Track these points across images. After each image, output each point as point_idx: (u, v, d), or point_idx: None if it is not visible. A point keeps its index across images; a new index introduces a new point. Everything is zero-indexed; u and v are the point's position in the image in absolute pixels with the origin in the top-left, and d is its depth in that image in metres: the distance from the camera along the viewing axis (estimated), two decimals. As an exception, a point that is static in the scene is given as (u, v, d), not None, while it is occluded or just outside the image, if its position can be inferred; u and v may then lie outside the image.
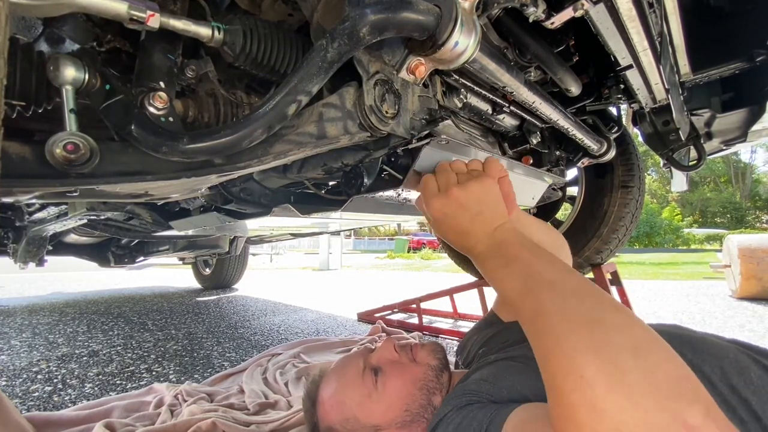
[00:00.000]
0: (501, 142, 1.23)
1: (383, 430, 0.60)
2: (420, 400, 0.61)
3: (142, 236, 2.16)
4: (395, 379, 0.63)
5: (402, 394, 0.61)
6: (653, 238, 23.52)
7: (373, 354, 0.69)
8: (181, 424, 1.01)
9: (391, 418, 0.60)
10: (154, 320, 2.63)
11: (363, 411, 0.61)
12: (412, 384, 0.63)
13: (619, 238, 1.70)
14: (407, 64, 0.62)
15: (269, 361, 1.59)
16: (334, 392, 0.65)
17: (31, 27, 0.65)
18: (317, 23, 0.66)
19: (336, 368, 0.70)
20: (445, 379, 0.67)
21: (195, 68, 0.67)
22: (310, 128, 0.64)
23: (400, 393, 0.62)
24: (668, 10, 0.88)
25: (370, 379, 0.63)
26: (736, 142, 1.56)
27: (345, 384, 0.65)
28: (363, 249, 26.21)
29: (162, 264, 7.35)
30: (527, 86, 0.85)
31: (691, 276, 5.86)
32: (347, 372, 0.66)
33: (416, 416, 0.60)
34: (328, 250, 9.22)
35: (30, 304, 3.32)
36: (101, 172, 0.55)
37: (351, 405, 0.62)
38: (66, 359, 1.74)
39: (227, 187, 1.09)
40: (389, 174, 0.90)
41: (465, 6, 0.54)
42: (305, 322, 2.59)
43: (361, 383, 0.64)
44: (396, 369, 0.65)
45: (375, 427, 0.60)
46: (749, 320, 2.61)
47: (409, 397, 0.61)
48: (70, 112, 0.49)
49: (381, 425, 0.60)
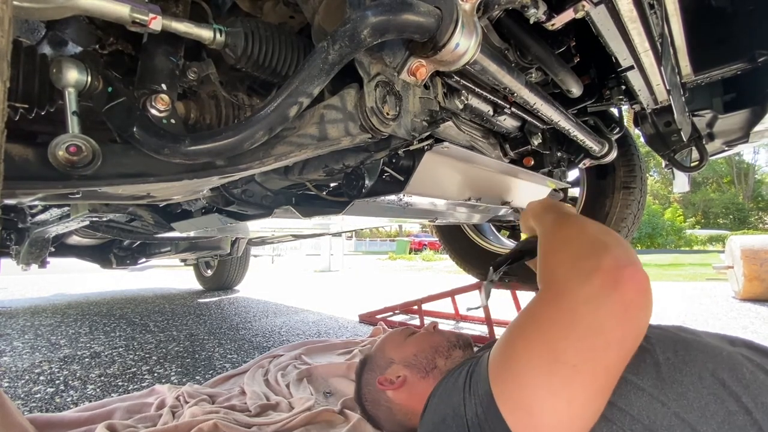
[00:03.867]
0: (502, 144, 1.23)
1: (395, 363, 0.84)
2: (427, 355, 0.82)
3: (143, 238, 2.17)
4: (419, 338, 0.89)
5: (417, 347, 0.85)
6: (655, 239, 23.45)
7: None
8: (183, 425, 1.01)
9: (402, 357, 0.84)
10: (156, 322, 2.63)
11: (391, 348, 0.88)
12: (428, 344, 0.85)
13: (620, 239, 1.69)
14: (408, 66, 0.62)
15: (271, 363, 1.59)
16: (384, 337, 0.96)
17: (35, 30, 0.66)
18: (318, 25, 0.67)
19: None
20: (457, 354, 0.84)
21: (197, 70, 0.67)
22: (311, 130, 0.64)
23: (416, 346, 0.86)
24: (669, 11, 0.87)
25: (405, 335, 0.92)
26: (738, 142, 1.56)
27: (391, 335, 0.95)
28: (364, 250, 26.21)
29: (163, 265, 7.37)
30: (528, 87, 0.85)
31: (694, 277, 5.84)
32: (396, 331, 0.96)
33: (419, 365, 0.81)
34: (329, 251, 9.22)
35: (32, 306, 3.33)
36: (103, 173, 0.55)
37: (386, 344, 0.91)
38: (68, 361, 1.74)
39: (229, 188, 1.09)
40: (390, 175, 0.90)
41: (466, 8, 0.54)
42: (307, 323, 2.59)
43: (399, 336, 0.92)
44: (422, 334, 0.91)
45: (391, 359, 0.85)
46: (752, 321, 2.60)
47: (420, 350, 0.84)
48: (72, 115, 0.50)
49: (394, 359, 0.85)
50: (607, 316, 0.46)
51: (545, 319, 0.50)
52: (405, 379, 0.80)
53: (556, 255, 0.58)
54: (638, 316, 0.47)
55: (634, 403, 0.48)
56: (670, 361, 0.52)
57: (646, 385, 0.49)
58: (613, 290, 0.47)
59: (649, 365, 0.52)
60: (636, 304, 0.47)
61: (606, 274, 0.48)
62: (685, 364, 0.51)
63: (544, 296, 0.53)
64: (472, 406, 0.52)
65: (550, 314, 0.50)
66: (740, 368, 0.49)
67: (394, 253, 18.33)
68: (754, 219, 33.73)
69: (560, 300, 0.50)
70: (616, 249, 0.51)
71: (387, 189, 0.91)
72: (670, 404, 0.47)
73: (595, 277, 0.48)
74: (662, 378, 0.50)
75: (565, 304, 0.49)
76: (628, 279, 0.47)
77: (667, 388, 0.48)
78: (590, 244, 0.55)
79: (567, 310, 0.48)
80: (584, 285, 0.48)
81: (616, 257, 0.50)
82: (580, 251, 0.55)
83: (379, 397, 0.82)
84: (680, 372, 0.50)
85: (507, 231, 2.30)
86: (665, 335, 0.57)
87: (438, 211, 1.26)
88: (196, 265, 4.42)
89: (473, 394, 0.53)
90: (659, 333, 0.58)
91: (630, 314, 0.46)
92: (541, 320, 0.51)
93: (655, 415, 0.46)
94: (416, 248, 21.53)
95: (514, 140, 1.22)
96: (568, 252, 0.57)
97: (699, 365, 0.51)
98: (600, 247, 0.53)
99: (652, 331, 0.60)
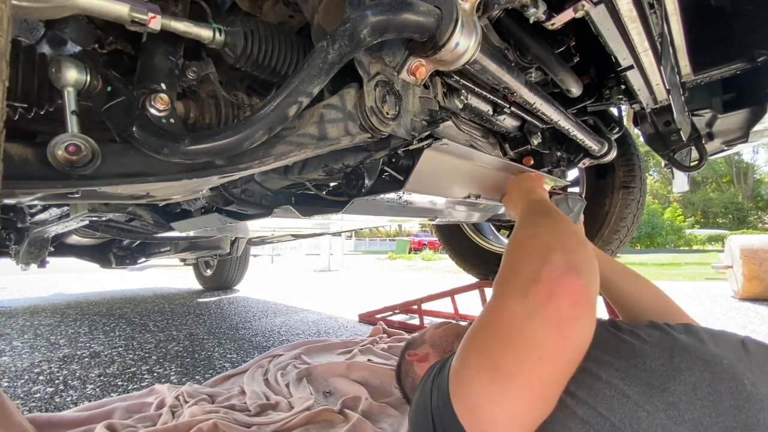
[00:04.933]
0: (502, 143, 1.23)
1: (426, 342, 0.97)
2: (450, 339, 0.94)
3: (143, 237, 2.16)
4: (451, 326, 1.01)
5: (445, 333, 0.98)
6: (655, 238, 23.46)
7: None
8: (183, 425, 1.01)
9: (431, 339, 0.97)
10: (156, 321, 2.63)
11: (429, 332, 1.02)
12: (453, 331, 0.97)
13: (620, 239, 1.70)
14: (408, 66, 0.62)
15: (270, 362, 1.59)
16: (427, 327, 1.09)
17: (34, 29, 0.66)
18: (318, 25, 0.67)
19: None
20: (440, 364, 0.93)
21: (196, 70, 0.67)
22: (311, 129, 0.64)
23: (445, 332, 0.98)
24: (669, 11, 0.87)
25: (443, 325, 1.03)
26: (737, 142, 1.56)
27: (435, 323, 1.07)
28: (364, 250, 26.20)
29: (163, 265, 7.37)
30: (528, 87, 0.85)
31: (693, 277, 5.85)
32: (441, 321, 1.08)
33: (441, 346, 0.93)
34: (329, 251, 9.22)
35: (32, 306, 3.33)
36: (103, 173, 0.55)
37: (429, 328, 1.04)
38: (67, 360, 1.74)
39: (228, 188, 1.09)
40: (390, 175, 0.90)
41: (465, 7, 0.54)
42: (306, 323, 2.59)
43: (440, 324, 1.04)
44: (455, 324, 1.03)
45: (424, 340, 0.99)
46: (752, 321, 2.60)
47: (446, 335, 0.96)
48: (71, 114, 0.50)
49: (426, 340, 0.98)
50: (540, 330, 0.47)
51: (489, 328, 0.53)
52: (427, 356, 0.92)
53: (508, 259, 0.60)
54: (574, 328, 0.47)
55: (617, 410, 0.47)
56: (664, 368, 0.50)
57: (632, 392, 0.48)
58: (547, 304, 0.47)
59: (640, 371, 0.50)
60: (571, 316, 0.47)
61: (540, 287, 0.49)
62: (679, 373, 0.49)
63: (492, 303, 0.56)
64: (435, 398, 0.57)
65: (494, 324, 0.52)
66: (741, 379, 0.47)
67: (394, 252, 18.33)
68: (753, 218, 33.74)
69: (501, 311, 0.52)
70: (557, 255, 0.52)
71: (387, 188, 0.91)
72: (657, 414, 0.45)
73: (531, 289, 0.49)
74: (652, 385, 0.48)
75: (503, 315, 0.51)
76: (562, 290, 0.48)
77: (656, 397, 0.47)
78: (536, 249, 0.56)
79: (505, 322, 0.50)
80: (520, 299, 0.50)
81: (554, 266, 0.50)
82: (525, 257, 0.57)
83: (408, 369, 0.97)
84: (673, 381, 0.48)
85: (507, 231, 2.30)
86: (664, 339, 0.56)
87: (437, 210, 1.26)
88: (195, 264, 4.41)
89: (437, 388, 0.58)
90: (659, 336, 0.57)
91: (563, 328, 0.47)
92: (487, 328, 0.53)
93: (639, 424, 0.45)
94: (416, 248, 21.52)
95: (514, 140, 1.22)
96: (516, 257, 0.59)
97: (696, 375, 0.48)
98: (543, 253, 0.54)
99: (651, 332, 0.59)
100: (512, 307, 0.50)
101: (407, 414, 1.06)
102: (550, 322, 0.47)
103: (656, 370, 0.50)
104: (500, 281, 0.57)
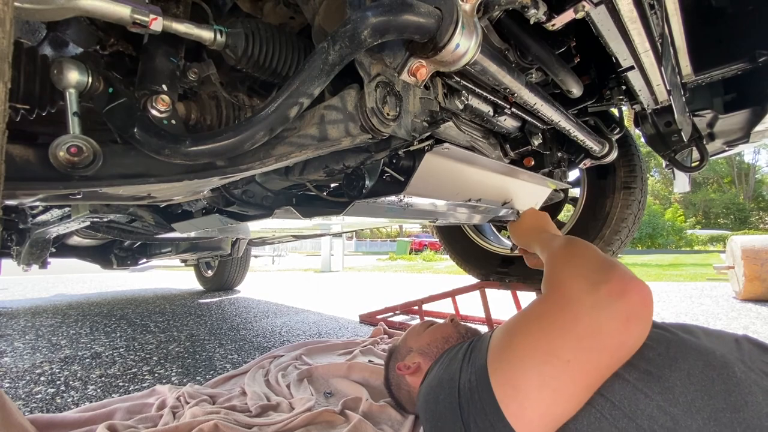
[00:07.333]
0: (502, 144, 1.23)
1: (413, 351, 0.94)
2: (439, 345, 0.91)
3: (144, 238, 2.17)
4: (434, 329, 0.98)
5: (431, 337, 0.94)
6: (656, 239, 23.41)
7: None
8: (184, 426, 1.01)
9: (418, 346, 0.94)
10: (157, 322, 2.63)
11: (411, 338, 0.99)
12: (440, 335, 0.94)
13: (621, 240, 1.69)
14: (408, 66, 0.62)
15: (271, 363, 1.59)
16: (408, 329, 1.06)
17: (36, 31, 0.66)
18: (319, 26, 0.67)
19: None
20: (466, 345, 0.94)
21: (197, 71, 0.67)
22: (311, 130, 0.64)
23: (431, 336, 0.95)
24: (669, 11, 0.87)
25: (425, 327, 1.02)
26: (738, 143, 1.56)
27: (413, 327, 1.06)
28: (365, 250, 26.20)
29: (164, 266, 7.38)
30: (528, 88, 0.85)
31: (695, 277, 5.83)
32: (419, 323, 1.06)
33: (431, 353, 0.90)
34: (329, 251, 9.22)
35: (33, 306, 3.34)
36: (104, 174, 0.55)
37: (408, 335, 1.02)
38: (69, 361, 1.74)
39: (229, 189, 1.09)
40: (391, 176, 0.90)
41: (466, 8, 0.54)
42: (307, 323, 2.59)
43: (420, 327, 1.03)
44: (438, 325, 1.00)
45: (410, 348, 0.96)
46: (753, 322, 2.59)
47: (433, 340, 0.93)
48: (73, 115, 0.50)
49: (412, 348, 0.95)
50: (608, 320, 0.49)
51: (548, 316, 0.54)
52: (419, 366, 0.89)
53: (566, 265, 0.63)
54: (638, 327, 0.51)
55: (617, 392, 0.50)
56: (661, 357, 0.54)
57: (631, 378, 0.51)
58: (619, 298, 0.50)
59: (639, 360, 0.53)
60: (638, 316, 0.50)
61: (613, 285, 0.52)
62: (675, 362, 0.53)
63: (550, 297, 0.57)
64: (467, 375, 0.58)
65: (554, 312, 0.54)
66: (731, 367, 0.50)
67: (395, 253, 18.31)
68: (754, 219, 33.68)
69: (566, 302, 0.54)
70: (622, 268, 0.57)
71: (387, 190, 0.91)
72: (654, 396, 0.48)
73: (603, 286, 0.52)
74: (650, 372, 0.52)
75: (569, 306, 0.53)
76: (634, 290, 0.51)
77: (653, 382, 0.50)
78: (600, 261, 0.60)
79: (570, 311, 0.52)
80: (591, 293, 0.52)
81: (623, 273, 0.55)
82: (590, 265, 0.59)
83: (400, 382, 0.95)
84: (669, 368, 0.52)
85: (507, 231, 2.29)
86: (662, 335, 0.58)
87: (438, 212, 1.26)
88: (196, 265, 4.42)
89: (471, 365, 0.59)
90: (657, 332, 0.59)
91: (630, 324, 0.50)
92: (544, 316, 0.55)
93: (636, 404, 0.48)
94: (417, 248, 21.51)
95: (515, 140, 1.22)
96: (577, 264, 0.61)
97: (690, 363, 0.52)
98: (608, 264, 0.58)
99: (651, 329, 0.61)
100: (580, 299, 0.52)
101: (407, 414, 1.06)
102: (620, 315, 0.49)
103: (654, 360, 0.53)
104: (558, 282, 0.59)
